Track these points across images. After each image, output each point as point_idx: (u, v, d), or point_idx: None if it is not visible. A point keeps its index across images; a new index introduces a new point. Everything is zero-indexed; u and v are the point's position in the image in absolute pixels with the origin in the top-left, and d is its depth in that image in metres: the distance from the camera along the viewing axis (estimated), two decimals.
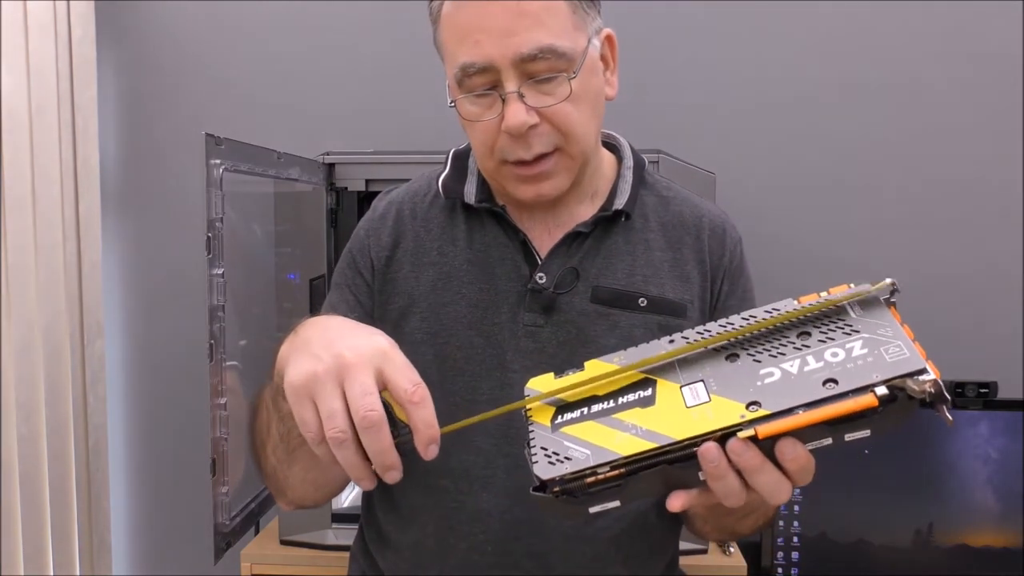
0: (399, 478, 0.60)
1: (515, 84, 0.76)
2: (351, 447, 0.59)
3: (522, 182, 0.82)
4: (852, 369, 0.53)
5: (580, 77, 0.78)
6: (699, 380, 0.58)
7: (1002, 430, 1.48)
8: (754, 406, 0.53)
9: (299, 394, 0.60)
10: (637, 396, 0.59)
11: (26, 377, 1.60)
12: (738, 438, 0.53)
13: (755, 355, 0.58)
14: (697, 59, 1.69)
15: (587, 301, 0.85)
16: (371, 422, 0.57)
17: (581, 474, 0.55)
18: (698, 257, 0.89)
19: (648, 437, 0.55)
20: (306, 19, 1.73)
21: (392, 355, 0.61)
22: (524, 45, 0.75)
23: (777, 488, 0.55)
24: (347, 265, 0.93)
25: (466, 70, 0.77)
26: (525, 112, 0.77)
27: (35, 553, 1.63)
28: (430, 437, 0.59)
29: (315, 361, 0.60)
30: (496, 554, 0.85)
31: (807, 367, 0.55)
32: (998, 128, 1.66)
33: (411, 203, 0.93)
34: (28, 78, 1.59)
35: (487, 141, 0.81)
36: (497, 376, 0.85)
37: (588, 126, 0.81)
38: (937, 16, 1.65)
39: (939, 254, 1.68)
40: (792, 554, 1.49)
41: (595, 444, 0.56)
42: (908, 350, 0.52)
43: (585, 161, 0.84)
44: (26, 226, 1.59)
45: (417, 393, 0.59)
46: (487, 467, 0.85)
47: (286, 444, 0.76)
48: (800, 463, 0.53)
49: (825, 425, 0.52)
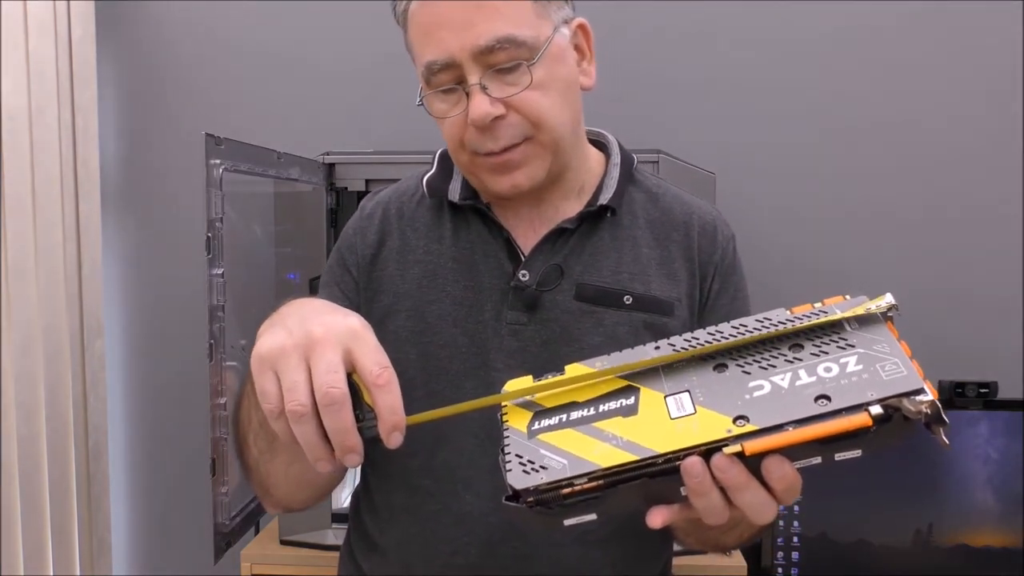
0: (359, 462, 0.58)
1: (477, 76, 0.77)
2: (310, 423, 0.57)
3: (495, 173, 0.82)
4: (846, 386, 0.50)
5: (544, 65, 0.78)
6: (685, 390, 0.55)
7: (1002, 430, 1.48)
8: (741, 420, 0.51)
9: (263, 364, 0.59)
10: (619, 404, 0.56)
11: (26, 377, 1.60)
12: (723, 454, 0.50)
13: (744, 366, 0.55)
14: (697, 59, 1.69)
15: (571, 299, 0.84)
16: (332, 399, 0.56)
17: (557, 485, 0.52)
18: (687, 255, 0.88)
19: (629, 449, 0.52)
20: (306, 19, 1.73)
21: (363, 335, 0.59)
22: (482, 37, 0.76)
23: (762, 507, 0.53)
24: (336, 263, 0.92)
25: (431, 67, 0.79)
26: (489, 104, 0.77)
27: (35, 553, 1.62)
28: (394, 424, 0.57)
29: (285, 334, 0.59)
30: (480, 556, 0.84)
31: (799, 381, 0.52)
32: (998, 129, 1.66)
33: (398, 202, 0.92)
34: (28, 78, 1.59)
35: (457, 136, 0.81)
36: (480, 375, 0.84)
37: (559, 115, 0.81)
38: (938, 17, 1.65)
39: (939, 255, 1.68)
40: (792, 554, 1.49)
41: (573, 454, 0.53)
42: (905, 368, 0.50)
43: (560, 151, 0.83)
44: (26, 226, 1.59)
45: (383, 376, 0.57)
46: (470, 468, 0.84)
47: (266, 432, 0.74)
48: (787, 482, 0.51)
49: (815, 443, 0.49)
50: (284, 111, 1.74)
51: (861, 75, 1.67)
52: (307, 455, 0.59)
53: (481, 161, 0.82)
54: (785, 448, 0.50)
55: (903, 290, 0.59)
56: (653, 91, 1.67)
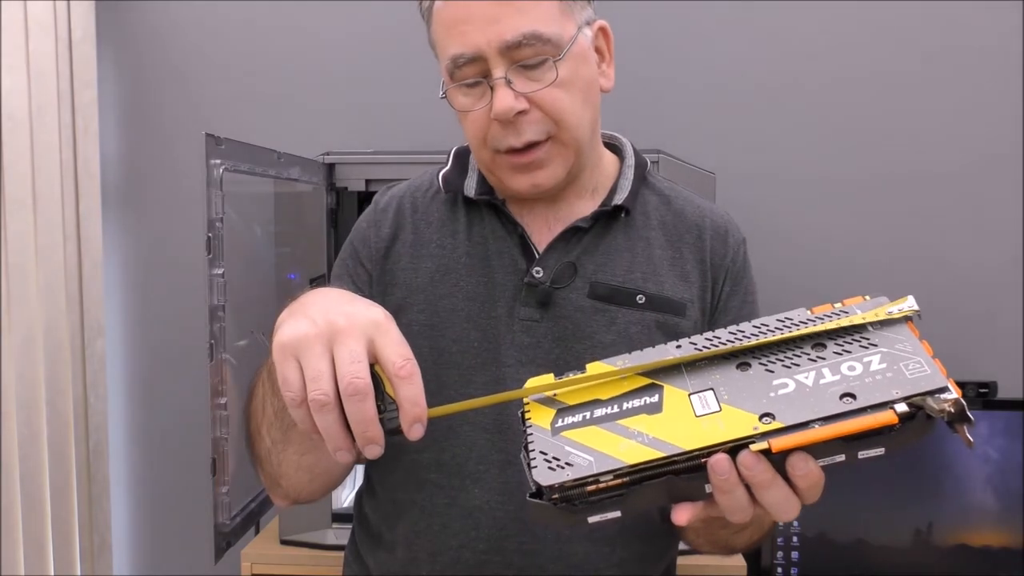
0: (380, 453, 0.58)
1: (502, 70, 0.78)
2: (333, 412, 0.57)
3: (516, 172, 0.82)
4: (870, 384, 0.51)
5: (568, 63, 0.79)
6: (709, 388, 0.55)
7: (1002, 430, 1.48)
8: (767, 418, 0.51)
9: (285, 352, 0.58)
10: (643, 402, 0.56)
11: (27, 377, 1.60)
12: (750, 451, 0.50)
13: (767, 365, 0.55)
14: (697, 59, 1.69)
15: (584, 296, 0.85)
16: (356, 389, 0.55)
17: (583, 481, 0.52)
18: (699, 256, 0.89)
19: (655, 446, 0.52)
20: (306, 19, 1.73)
21: (387, 327, 0.59)
22: (508, 32, 0.76)
23: (785, 505, 0.53)
24: (348, 255, 0.93)
25: (456, 61, 0.79)
26: (513, 98, 0.78)
27: (35, 553, 1.63)
28: (415, 416, 0.57)
29: (308, 323, 0.59)
30: (488, 551, 0.84)
31: (823, 380, 0.52)
32: (998, 128, 1.65)
33: (412, 197, 0.93)
34: (28, 78, 1.59)
35: (479, 131, 0.82)
36: (491, 370, 0.84)
37: (581, 114, 0.82)
38: (938, 15, 1.65)
39: (939, 254, 1.68)
40: (792, 554, 1.49)
41: (598, 451, 0.53)
42: (929, 367, 0.51)
43: (580, 151, 0.84)
44: (26, 226, 1.59)
45: (406, 368, 0.57)
46: (480, 462, 0.84)
47: (280, 421, 0.75)
48: (812, 480, 0.51)
49: (840, 441, 0.50)
50: (284, 111, 1.74)
51: (861, 75, 1.67)
52: (328, 445, 0.58)
53: (502, 159, 0.82)
54: (811, 445, 0.50)
55: (903, 290, 0.59)
56: (653, 91, 1.67)
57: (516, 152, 0.81)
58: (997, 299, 1.67)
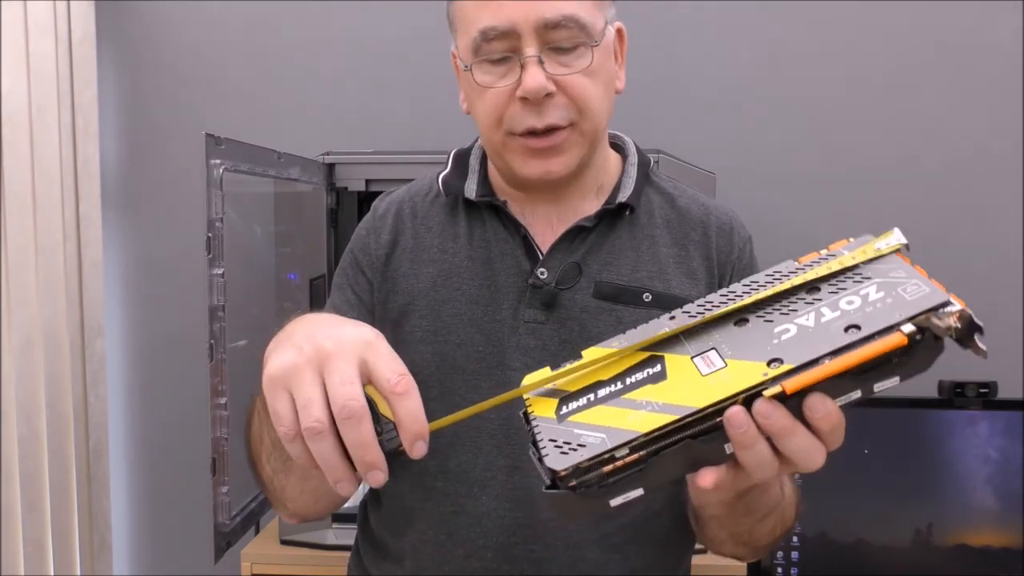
0: (383, 480, 0.54)
1: (536, 49, 0.76)
2: (328, 440, 0.53)
3: (530, 156, 0.81)
4: (872, 313, 0.49)
5: (600, 53, 0.79)
6: (710, 348, 0.54)
7: (1002, 430, 1.48)
8: (775, 363, 0.49)
9: (275, 385, 0.55)
10: (646, 374, 0.54)
11: (26, 376, 1.60)
12: (764, 398, 0.49)
13: (765, 316, 0.54)
14: (697, 59, 1.69)
15: (590, 297, 0.84)
16: (351, 412, 0.52)
17: (598, 460, 0.50)
18: (705, 254, 0.88)
19: (666, 410, 0.50)
20: (307, 19, 1.73)
21: (377, 345, 0.56)
22: (549, 11, 0.75)
23: (810, 452, 0.51)
24: (348, 264, 0.92)
25: (486, 34, 0.77)
26: (544, 77, 0.77)
27: (35, 553, 1.63)
28: (416, 432, 0.54)
29: (295, 352, 0.55)
30: (496, 560, 0.83)
31: (824, 318, 0.51)
32: (998, 127, 1.66)
33: (411, 202, 0.92)
34: (28, 78, 1.59)
35: (496, 110, 0.80)
36: (497, 374, 0.83)
37: (602, 104, 0.81)
38: (938, 14, 1.65)
39: (939, 253, 1.67)
40: (792, 554, 1.49)
41: (609, 426, 0.51)
42: (926, 286, 0.50)
43: (595, 143, 0.83)
44: (26, 226, 1.59)
45: (401, 383, 0.54)
46: (487, 469, 0.83)
47: (279, 452, 0.73)
48: (832, 421, 0.50)
49: (852, 376, 0.48)
50: (284, 111, 1.74)
51: (861, 75, 1.67)
52: (328, 477, 0.55)
53: (516, 143, 0.81)
54: (825, 382, 0.49)
55: None
56: (653, 91, 1.67)
57: (534, 136, 0.79)
58: (997, 299, 1.67)
